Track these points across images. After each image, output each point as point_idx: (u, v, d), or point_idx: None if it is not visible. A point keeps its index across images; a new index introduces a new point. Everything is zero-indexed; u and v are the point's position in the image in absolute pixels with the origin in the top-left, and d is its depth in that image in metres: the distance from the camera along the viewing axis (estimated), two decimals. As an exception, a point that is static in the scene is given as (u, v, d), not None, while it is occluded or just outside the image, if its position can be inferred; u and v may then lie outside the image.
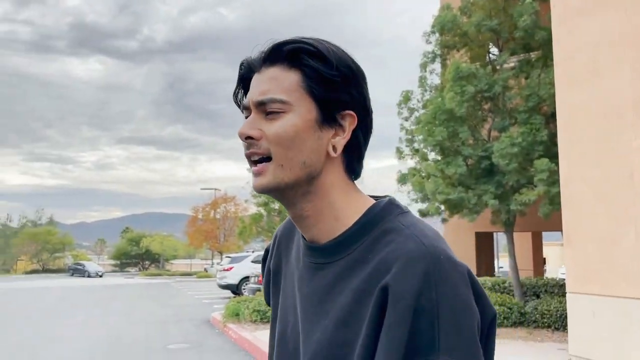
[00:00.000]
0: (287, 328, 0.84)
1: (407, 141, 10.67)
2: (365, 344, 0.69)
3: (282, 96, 0.73)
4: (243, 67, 0.79)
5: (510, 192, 9.18)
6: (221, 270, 21.14)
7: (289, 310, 0.84)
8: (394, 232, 0.74)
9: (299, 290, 0.82)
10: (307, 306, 0.79)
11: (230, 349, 8.94)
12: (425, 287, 0.66)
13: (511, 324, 9.27)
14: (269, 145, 0.73)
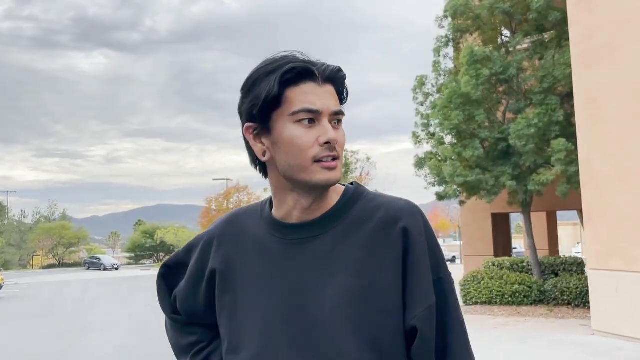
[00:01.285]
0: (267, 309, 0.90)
1: (423, 126, 10.77)
2: (394, 275, 0.88)
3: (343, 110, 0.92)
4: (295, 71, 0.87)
5: (527, 173, 9.29)
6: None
7: (261, 294, 0.92)
8: (378, 199, 0.95)
9: (278, 269, 0.92)
10: (303, 275, 0.90)
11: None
12: (427, 228, 0.92)
13: (531, 302, 9.43)
14: (339, 148, 0.89)
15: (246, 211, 1.03)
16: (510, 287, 9.54)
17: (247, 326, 0.92)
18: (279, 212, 0.95)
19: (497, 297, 9.60)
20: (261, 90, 0.88)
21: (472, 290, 9.95)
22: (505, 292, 9.54)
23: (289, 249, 0.92)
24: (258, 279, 0.93)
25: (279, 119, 0.89)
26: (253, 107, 0.89)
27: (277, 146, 0.89)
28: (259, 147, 0.91)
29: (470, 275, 10.29)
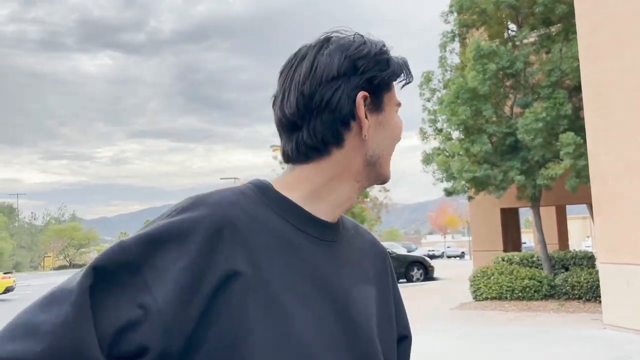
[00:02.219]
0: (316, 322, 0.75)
1: (430, 121, 10.75)
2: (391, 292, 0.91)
3: None
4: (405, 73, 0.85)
5: (536, 167, 9.25)
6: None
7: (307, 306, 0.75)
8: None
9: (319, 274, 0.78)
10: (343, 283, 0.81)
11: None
12: None
13: (541, 297, 9.40)
14: None
15: (239, 194, 0.79)
16: (521, 282, 9.52)
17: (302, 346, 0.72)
18: (317, 205, 0.80)
19: (507, 292, 9.57)
20: (393, 65, 0.82)
21: (482, 285, 9.93)
22: (516, 287, 9.52)
23: (325, 250, 0.80)
24: (296, 287, 0.75)
25: (389, 102, 0.84)
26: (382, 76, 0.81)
27: (382, 127, 0.82)
28: (367, 122, 0.79)
29: (479, 271, 10.27)
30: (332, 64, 0.79)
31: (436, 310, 9.57)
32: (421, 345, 6.63)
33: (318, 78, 0.79)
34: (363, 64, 0.80)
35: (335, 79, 0.79)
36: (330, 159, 0.80)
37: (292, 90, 0.80)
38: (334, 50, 0.80)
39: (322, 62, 0.79)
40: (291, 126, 0.80)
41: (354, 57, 0.80)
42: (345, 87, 0.79)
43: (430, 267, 17.65)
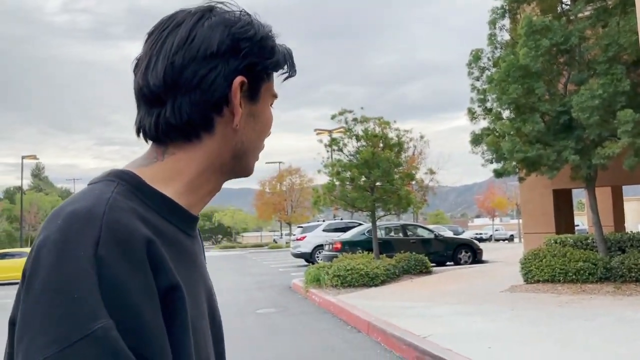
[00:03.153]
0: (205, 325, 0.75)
1: (479, 101, 10.53)
2: None
3: None
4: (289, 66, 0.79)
5: (591, 147, 8.95)
6: (294, 239, 21.85)
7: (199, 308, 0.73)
8: None
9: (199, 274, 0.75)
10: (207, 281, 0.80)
11: (316, 312, 9.37)
12: None
13: (596, 280, 9.15)
14: None
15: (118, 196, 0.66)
16: (574, 264, 9.28)
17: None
18: (191, 198, 0.74)
19: (560, 275, 9.37)
20: (277, 54, 0.76)
21: (533, 268, 9.75)
22: (569, 269, 9.30)
23: (194, 246, 0.76)
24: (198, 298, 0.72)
25: (265, 93, 0.77)
26: (264, 63, 0.74)
27: (254, 119, 0.76)
28: (240, 111, 0.73)
29: (531, 253, 10.08)
30: (213, 39, 0.70)
31: (486, 292, 9.48)
32: (472, 325, 6.62)
33: (194, 51, 0.70)
34: (246, 47, 0.72)
35: (213, 56, 0.70)
36: (201, 147, 0.72)
37: (160, 58, 0.71)
38: (217, 24, 0.72)
39: (201, 34, 0.71)
40: (153, 99, 0.72)
41: (237, 37, 0.72)
42: (223, 68, 0.71)
43: (478, 249, 17.42)
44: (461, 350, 5.13)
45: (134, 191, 0.68)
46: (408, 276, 12.62)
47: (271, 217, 48.89)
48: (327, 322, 8.29)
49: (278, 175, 47.42)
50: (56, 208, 0.65)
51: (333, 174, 13.43)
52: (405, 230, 17.66)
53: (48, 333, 0.56)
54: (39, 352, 0.55)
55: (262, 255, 33.79)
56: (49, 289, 0.57)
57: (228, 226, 59.03)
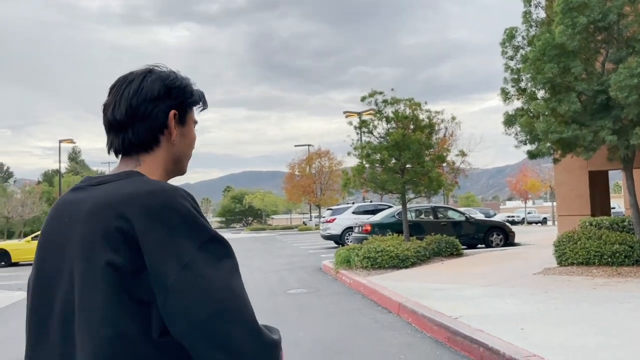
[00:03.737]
0: None
1: (512, 81, 10.32)
2: None
3: None
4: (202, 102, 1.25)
5: (629, 127, 8.69)
6: (324, 222, 21.97)
7: None
8: None
9: None
10: None
11: (347, 292, 9.47)
12: None
13: (633, 263, 8.97)
14: None
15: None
16: (610, 247, 9.11)
17: None
18: None
19: (595, 258, 9.21)
20: (195, 95, 1.21)
21: (567, 250, 9.61)
22: (604, 252, 9.13)
23: None
24: None
25: (189, 120, 1.21)
26: (187, 101, 1.19)
27: (184, 137, 1.20)
28: (175, 131, 1.17)
29: (565, 236, 9.92)
30: (154, 88, 1.13)
31: (518, 275, 9.40)
32: (504, 307, 6.60)
33: (143, 96, 1.12)
34: (175, 92, 1.16)
35: (155, 98, 1.13)
36: (155, 156, 1.15)
37: (122, 102, 1.12)
38: (155, 79, 1.14)
39: (147, 86, 1.13)
40: (120, 128, 1.13)
41: (169, 86, 1.15)
42: (162, 105, 1.13)
43: (510, 232, 17.21)
44: (493, 331, 5.14)
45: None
46: (439, 258, 12.59)
47: (300, 199, 49.13)
48: (357, 303, 8.37)
49: (307, 158, 47.52)
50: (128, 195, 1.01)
51: (363, 156, 13.42)
52: (436, 212, 17.55)
53: (191, 239, 0.99)
54: (190, 249, 0.97)
55: (292, 237, 34.09)
56: (186, 221, 1.01)
57: (258, 208, 59.62)
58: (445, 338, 5.54)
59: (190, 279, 0.94)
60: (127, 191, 1.03)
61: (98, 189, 1.07)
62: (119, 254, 0.96)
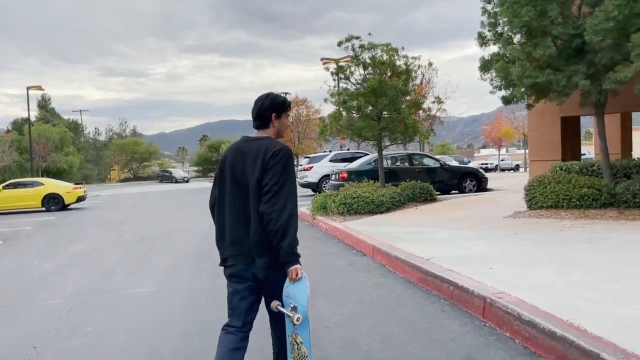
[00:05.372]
0: None
1: (489, 25, 10.22)
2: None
3: None
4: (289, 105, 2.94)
5: (603, 71, 8.75)
6: (301, 170, 22.00)
7: None
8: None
9: None
10: None
11: (323, 238, 9.61)
12: None
13: (600, 206, 9.25)
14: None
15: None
16: (579, 190, 9.35)
17: None
18: None
19: (563, 201, 9.46)
20: (284, 106, 2.86)
21: (537, 194, 9.84)
22: (573, 195, 9.38)
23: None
24: None
25: (282, 116, 2.87)
26: (279, 109, 2.84)
27: (279, 123, 2.86)
28: (275, 122, 2.84)
29: (536, 180, 10.13)
30: (265, 104, 2.82)
31: (489, 218, 9.63)
32: (475, 249, 6.77)
33: (263, 107, 2.82)
34: (274, 105, 2.83)
35: (266, 109, 2.82)
36: (269, 130, 2.83)
37: (256, 108, 2.84)
38: (267, 99, 2.83)
39: (264, 102, 2.82)
40: (256, 118, 2.83)
41: (274, 102, 2.83)
42: (269, 111, 2.82)
43: (483, 178, 17.52)
44: (463, 271, 5.29)
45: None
46: (413, 204, 12.79)
47: (278, 148, 48.87)
48: (333, 247, 8.51)
49: (284, 105, 46.94)
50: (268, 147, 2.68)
51: (339, 102, 13.30)
52: (412, 159, 17.69)
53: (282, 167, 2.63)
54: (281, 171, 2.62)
55: (270, 185, 34.13)
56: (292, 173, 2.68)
57: (235, 157, 59.25)
58: (417, 278, 5.70)
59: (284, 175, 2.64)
60: (267, 144, 2.69)
61: (256, 142, 2.74)
62: (261, 174, 2.61)
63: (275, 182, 2.54)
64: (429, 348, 3.82)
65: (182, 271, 7.19)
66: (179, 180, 51.77)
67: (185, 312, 5.17)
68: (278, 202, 2.53)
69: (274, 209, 2.53)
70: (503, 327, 4.04)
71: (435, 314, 4.63)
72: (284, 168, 2.58)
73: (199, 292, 5.93)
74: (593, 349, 3.10)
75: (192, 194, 27.85)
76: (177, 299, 5.69)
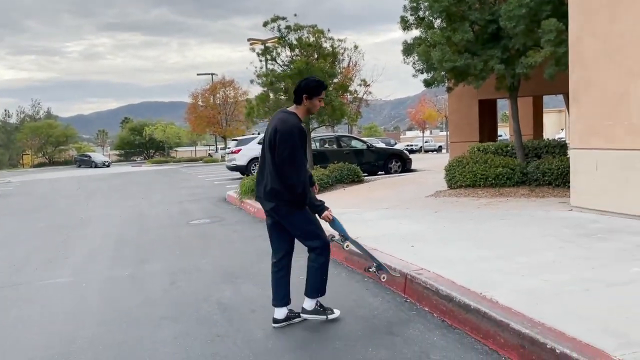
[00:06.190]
0: None
1: (412, 9, 10.42)
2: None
3: None
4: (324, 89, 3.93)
5: (516, 56, 9.19)
6: (229, 152, 21.66)
7: None
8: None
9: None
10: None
11: (250, 221, 9.54)
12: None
13: (513, 184, 9.78)
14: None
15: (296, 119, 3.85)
16: (494, 169, 9.84)
17: None
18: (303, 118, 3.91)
19: (481, 180, 9.93)
20: (316, 90, 3.82)
21: (456, 174, 10.25)
22: (489, 175, 9.85)
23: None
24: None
25: (317, 97, 3.84)
26: (310, 92, 3.81)
27: (310, 103, 3.84)
28: (305, 101, 3.84)
29: (455, 161, 10.55)
30: (301, 86, 3.83)
31: (412, 198, 9.94)
32: (398, 227, 6.96)
33: (299, 87, 3.83)
34: (307, 88, 3.81)
35: (301, 90, 3.82)
36: (300, 107, 3.85)
37: (295, 88, 3.87)
38: (304, 82, 3.83)
39: (301, 83, 3.83)
40: (294, 95, 3.87)
41: (307, 86, 3.81)
42: (302, 92, 3.81)
43: (408, 159, 18.04)
44: (386, 249, 5.44)
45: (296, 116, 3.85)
46: (341, 185, 12.96)
47: (205, 130, 47.89)
48: (261, 230, 8.45)
49: (211, 87, 45.94)
50: (284, 120, 3.76)
51: (266, 84, 13.16)
52: (340, 141, 17.89)
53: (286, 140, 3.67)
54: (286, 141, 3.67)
55: (197, 169, 33.43)
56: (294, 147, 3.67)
57: (160, 141, 57.39)
58: (343, 258, 5.80)
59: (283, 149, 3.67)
60: (281, 121, 3.75)
61: (280, 115, 3.83)
62: (269, 145, 3.74)
63: (280, 155, 3.65)
64: (352, 325, 3.90)
65: (101, 259, 6.90)
66: (99, 165, 49.48)
67: (104, 302, 4.97)
68: (284, 173, 3.65)
69: (282, 180, 3.68)
70: (422, 302, 4.20)
71: (360, 291, 4.74)
72: (284, 145, 3.63)
73: (119, 281, 5.72)
74: (503, 319, 3.28)
75: (114, 179, 26.71)
76: (96, 289, 5.46)
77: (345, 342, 3.59)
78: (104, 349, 3.76)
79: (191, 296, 4.94)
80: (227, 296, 4.86)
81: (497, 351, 3.26)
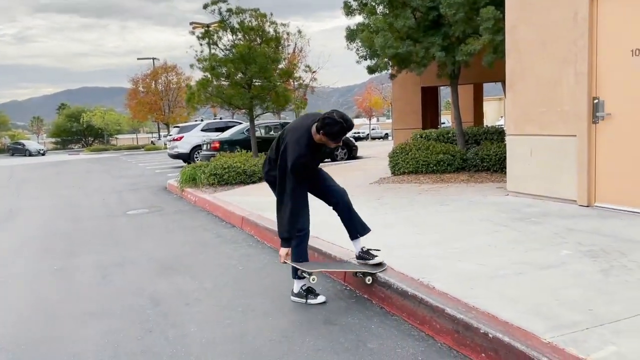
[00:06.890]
0: None
1: (355, -6, 10.35)
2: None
3: None
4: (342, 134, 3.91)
5: (456, 44, 9.30)
6: (171, 140, 21.06)
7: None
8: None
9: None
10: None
11: (191, 210, 9.28)
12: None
13: (454, 170, 9.96)
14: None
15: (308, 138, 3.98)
16: (436, 156, 9.98)
17: None
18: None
19: (422, 167, 10.05)
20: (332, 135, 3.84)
21: (400, 161, 10.34)
22: (431, 161, 9.99)
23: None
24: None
25: (328, 139, 3.87)
26: (327, 134, 3.82)
27: (323, 139, 3.88)
28: (319, 136, 3.88)
29: (398, 148, 10.63)
30: (325, 123, 3.80)
31: (357, 185, 9.94)
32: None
33: (320, 124, 3.83)
34: (327, 132, 3.82)
35: (320, 127, 3.82)
36: (317, 134, 3.88)
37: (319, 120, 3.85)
38: (325, 124, 3.80)
39: (325, 121, 3.80)
40: (317, 122, 3.87)
41: (327, 130, 3.82)
42: (321, 130, 3.82)
43: (354, 146, 18.10)
44: (328, 237, 5.38)
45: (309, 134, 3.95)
46: (285, 173, 12.82)
47: (146, 117, 46.41)
48: (201, 220, 8.25)
49: (152, 72, 44.49)
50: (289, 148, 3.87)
51: (207, 69, 12.78)
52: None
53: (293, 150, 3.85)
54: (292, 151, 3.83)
55: (138, 157, 32.40)
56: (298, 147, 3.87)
57: (99, 128, 55.23)
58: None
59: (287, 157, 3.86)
60: (290, 141, 3.89)
61: (295, 127, 3.98)
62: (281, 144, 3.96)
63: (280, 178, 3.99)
64: (289, 315, 3.82)
65: (28, 253, 6.50)
66: (34, 153, 47.16)
67: (27, 298, 4.66)
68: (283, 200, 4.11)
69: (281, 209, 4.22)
70: (362, 290, 4.16)
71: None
72: (285, 169, 3.90)
73: (46, 275, 5.39)
74: (439, 305, 3.28)
75: (48, 168, 25.46)
76: (20, 284, 5.12)
77: (283, 333, 3.50)
78: (20, 349, 3.51)
79: (123, 290, 4.71)
80: (161, 289, 4.66)
81: (433, 337, 3.26)
